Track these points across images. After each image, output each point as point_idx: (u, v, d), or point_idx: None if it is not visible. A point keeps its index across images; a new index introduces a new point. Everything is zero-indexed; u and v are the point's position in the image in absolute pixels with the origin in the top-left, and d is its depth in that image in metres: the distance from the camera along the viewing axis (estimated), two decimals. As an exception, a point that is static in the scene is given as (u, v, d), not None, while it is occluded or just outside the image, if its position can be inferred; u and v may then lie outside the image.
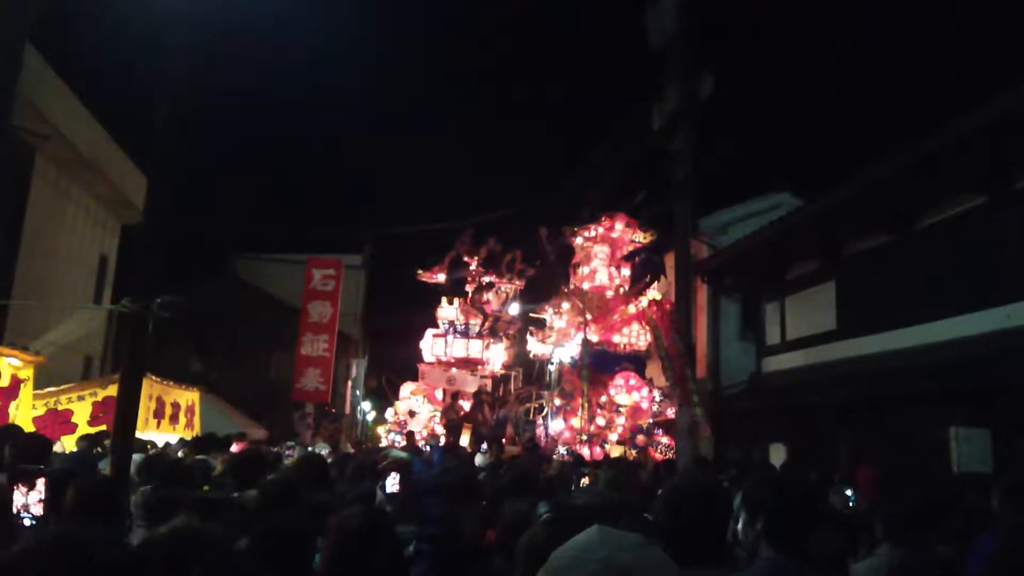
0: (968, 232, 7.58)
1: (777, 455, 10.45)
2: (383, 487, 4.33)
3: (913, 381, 7.67)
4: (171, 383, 10.81)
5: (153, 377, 9.71)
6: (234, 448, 9.22)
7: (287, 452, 9.08)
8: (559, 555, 1.15)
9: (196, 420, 11.51)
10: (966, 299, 7.38)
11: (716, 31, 12.01)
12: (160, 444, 9.17)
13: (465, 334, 16.41)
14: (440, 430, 14.59)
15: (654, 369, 11.87)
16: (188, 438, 9.96)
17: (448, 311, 16.86)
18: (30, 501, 3.55)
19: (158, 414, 9.95)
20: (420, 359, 17.59)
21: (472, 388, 15.88)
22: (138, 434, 8.61)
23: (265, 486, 4.04)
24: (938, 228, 8.05)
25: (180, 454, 8.20)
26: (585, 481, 5.78)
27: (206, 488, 5.63)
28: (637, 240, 12.81)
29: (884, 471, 5.41)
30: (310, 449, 10.79)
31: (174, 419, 10.61)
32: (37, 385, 8.53)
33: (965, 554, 3.69)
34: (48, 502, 3.56)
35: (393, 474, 4.31)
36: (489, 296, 17.03)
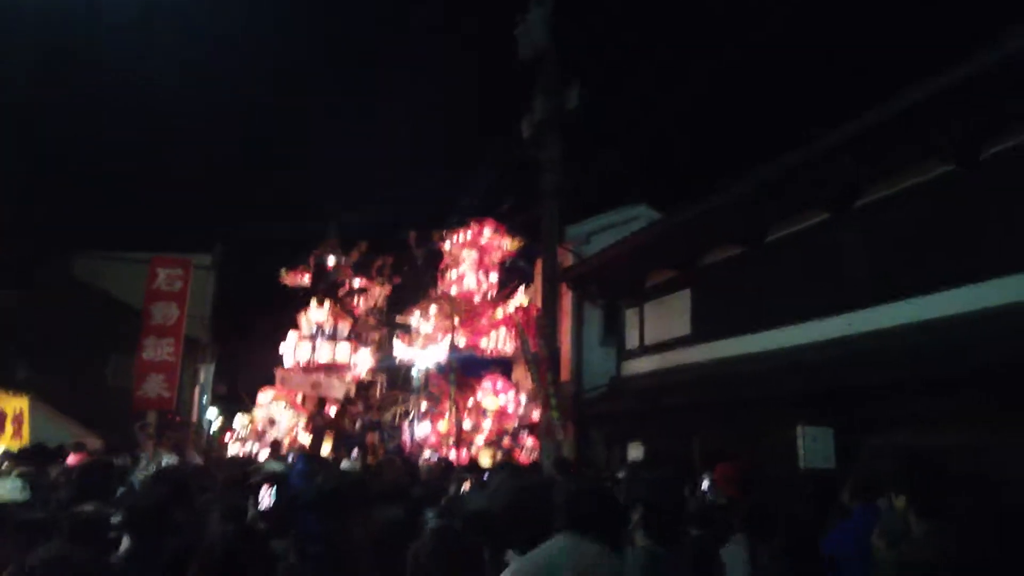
0: (812, 246, 8.23)
1: (635, 454, 10.88)
2: (255, 502, 4.08)
3: (762, 383, 8.22)
4: (-4, 389, 9.77)
5: (-25, 383, 8.74)
6: (71, 459, 8.49)
7: (141, 464, 8.43)
8: (526, 564, 1.15)
9: (25, 429, 10.47)
10: (810, 307, 8.00)
11: (584, 45, 12.38)
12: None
13: (333, 338, 15.93)
14: (304, 437, 14.07)
15: (520, 373, 12.04)
16: (15, 449, 9.04)
17: (317, 314, 16.31)
18: None
19: (-19, 423, 8.95)
20: (277, 364, 16.90)
21: (339, 393, 15.45)
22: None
23: (133, 507, 3.74)
24: (785, 241, 8.69)
25: (3, 467, 7.46)
26: (466, 486, 5.73)
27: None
28: (505, 246, 12.99)
29: (740, 469, 5.73)
30: (153, 459, 10.09)
31: (-1, 429, 9.59)
32: None
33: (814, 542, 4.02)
34: None
35: (266, 487, 4.07)
36: (358, 300, 16.64)
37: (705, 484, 6.31)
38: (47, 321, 17.74)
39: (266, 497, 3.99)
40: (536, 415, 11.32)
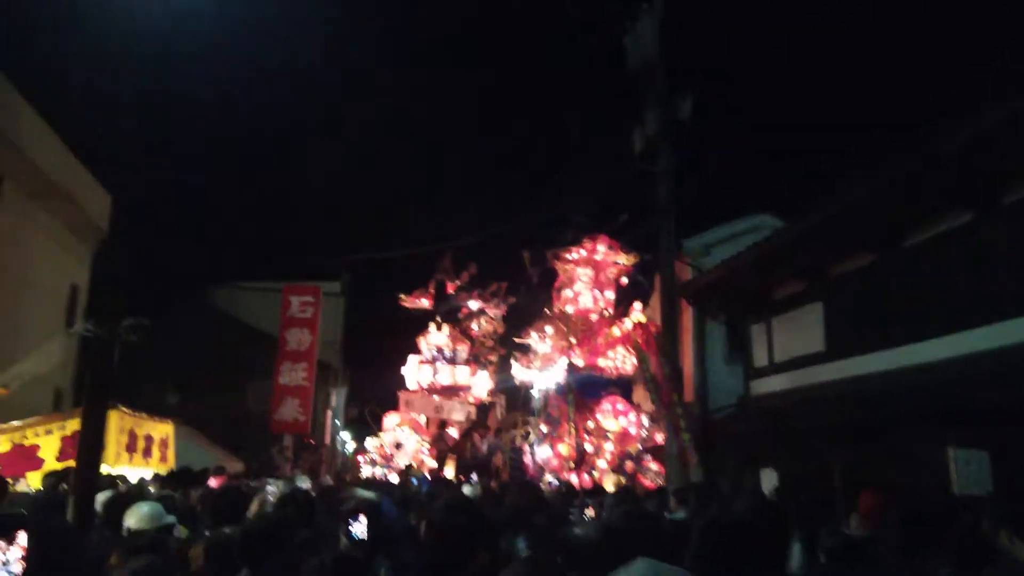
0: (956, 249, 7.51)
1: (768, 480, 10.29)
2: (347, 531, 3.97)
3: (906, 402, 7.56)
4: (143, 415, 10.45)
5: (125, 409, 9.37)
6: (212, 483, 8.89)
7: (269, 488, 8.74)
8: None
9: (171, 453, 11.13)
10: (956, 318, 7.29)
11: (695, 53, 12.02)
12: (134, 479, 8.81)
13: (452, 361, 16.16)
14: (428, 461, 14.29)
15: (641, 393, 11.71)
16: (163, 472, 9.60)
17: (437, 337, 16.61)
18: (10, 557, 3.16)
19: (131, 448, 9.58)
20: (402, 387, 17.29)
21: (460, 416, 15.62)
22: (109, 469, 8.28)
23: (246, 526, 3.82)
24: (924, 246, 7.99)
25: (151, 489, 7.89)
26: (589, 512, 5.52)
27: (183, 527, 5.34)
28: (620, 263, 12.73)
29: (887, 498, 5.22)
30: (288, 482, 10.46)
31: (147, 453, 10.24)
32: (3, 419, 8.17)
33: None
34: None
35: (361, 517, 3.95)
36: (478, 322, 16.83)
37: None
38: (193, 351, 18.99)
39: (359, 527, 3.88)
40: (659, 438, 10.96)
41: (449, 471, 13.16)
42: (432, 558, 3.14)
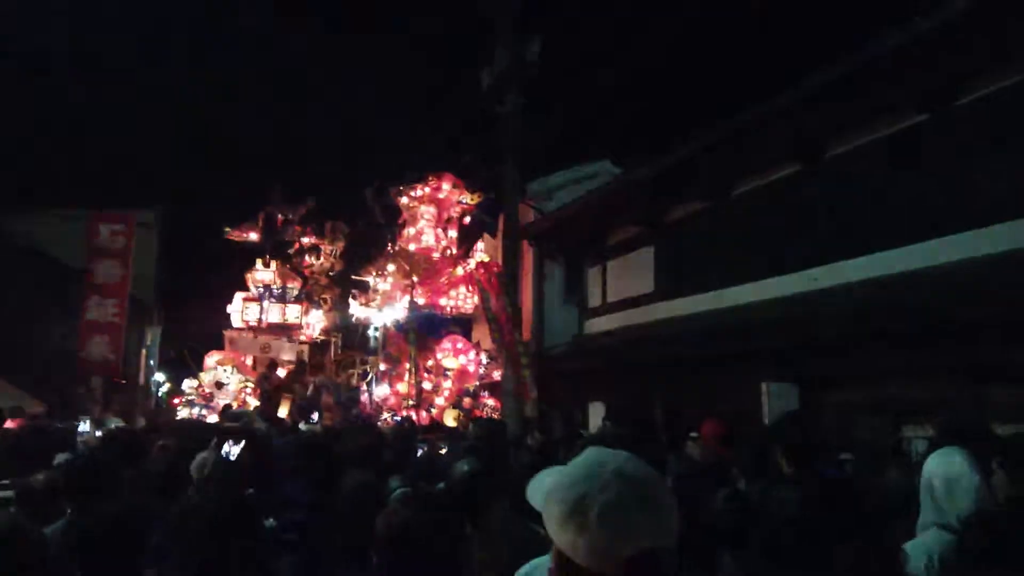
0: (779, 199, 8.11)
1: (597, 413, 10.83)
2: (219, 452, 3.77)
3: (725, 340, 8.15)
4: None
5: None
6: (9, 424, 8.20)
7: (81, 427, 8.08)
8: (571, 471, 1.20)
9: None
10: (776, 262, 7.91)
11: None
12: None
13: (282, 299, 15.44)
14: (252, 401, 13.70)
15: (481, 332, 11.85)
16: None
17: (264, 274, 15.76)
18: None
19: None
20: (226, 325, 16.39)
21: (290, 356, 15.05)
22: None
23: (68, 467, 3.50)
24: (752, 195, 8.56)
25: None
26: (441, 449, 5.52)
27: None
28: (465, 201, 12.68)
29: (727, 426, 5.62)
30: (100, 424, 9.75)
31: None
32: None
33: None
34: None
35: (236, 441, 3.76)
36: (311, 259, 16.13)
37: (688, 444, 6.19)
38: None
39: (233, 449, 3.67)
40: (497, 374, 11.19)
41: (282, 411, 12.73)
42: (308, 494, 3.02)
